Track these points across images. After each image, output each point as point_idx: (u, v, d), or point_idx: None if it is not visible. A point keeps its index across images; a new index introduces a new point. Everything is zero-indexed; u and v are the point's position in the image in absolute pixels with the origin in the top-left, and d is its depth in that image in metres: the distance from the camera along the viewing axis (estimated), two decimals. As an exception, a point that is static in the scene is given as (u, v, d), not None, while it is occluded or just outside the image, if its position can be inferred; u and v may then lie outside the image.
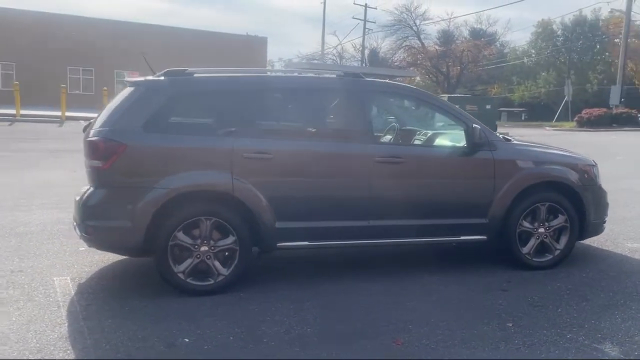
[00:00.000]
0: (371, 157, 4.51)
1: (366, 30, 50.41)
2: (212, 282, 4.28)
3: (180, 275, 4.22)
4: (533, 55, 66.94)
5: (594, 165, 5.28)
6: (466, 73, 50.11)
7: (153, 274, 4.70)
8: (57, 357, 3.28)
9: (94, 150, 4.19)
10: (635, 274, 4.93)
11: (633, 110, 31.55)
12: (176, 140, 4.26)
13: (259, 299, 4.20)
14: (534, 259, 4.96)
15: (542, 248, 4.99)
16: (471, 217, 4.79)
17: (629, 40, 36.58)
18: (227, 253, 4.30)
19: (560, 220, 4.99)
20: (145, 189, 4.14)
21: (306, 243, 4.49)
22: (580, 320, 3.87)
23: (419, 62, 49.48)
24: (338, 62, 52.98)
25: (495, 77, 59.26)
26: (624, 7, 33.32)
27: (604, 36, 65.87)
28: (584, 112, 31.90)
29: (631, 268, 5.09)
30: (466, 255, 5.37)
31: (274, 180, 4.36)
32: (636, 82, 51.70)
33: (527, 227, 4.93)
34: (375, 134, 4.79)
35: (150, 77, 4.50)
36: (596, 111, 31.15)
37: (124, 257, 5.16)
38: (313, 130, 4.70)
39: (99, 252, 5.28)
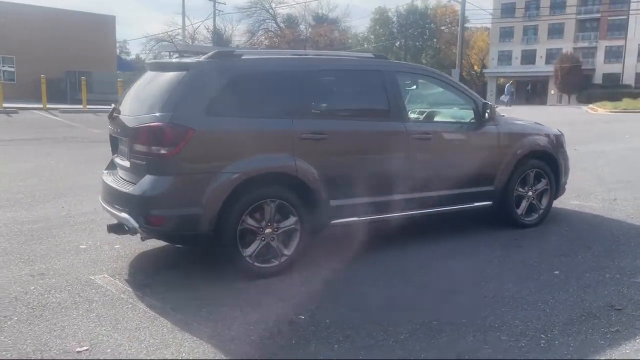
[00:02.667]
0: (409, 134, 4.83)
1: (217, 12, 49.49)
2: (276, 263, 4.31)
3: (248, 259, 4.20)
4: (372, 40, 71.13)
5: (562, 135, 6.17)
6: (320, 57, 51.69)
7: (190, 264, 4.69)
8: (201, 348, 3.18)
9: (158, 136, 3.94)
10: (600, 225, 5.90)
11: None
12: (241, 124, 4.18)
13: (333, 275, 4.34)
14: (525, 219, 5.70)
15: (529, 209, 5.75)
16: (483, 185, 5.36)
17: (454, 29, 40.46)
18: (288, 234, 4.36)
19: (543, 184, 5.79)
20: (215, 175, 4.02)
21: (355, 219, 4.70)
22: (604, 263, 4.63)
23: (276, 45, 49.97)
24: (190, 43, 51.32)
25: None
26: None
27: (432, 24, 72.08)
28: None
29: (595, 221, 6.07)
30: (459, 221, 5.94)
31: (328, 160, 4.48)
32: (476, 68, 57.44)
33: (521, 191, 5.65)
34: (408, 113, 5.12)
35: (202, 59, 4.31)
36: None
37: (143, 250, 4.95)
38: (359, 110, 4.88)
39: (117, 246, 5.02)
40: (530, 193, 5.70)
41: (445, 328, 3.42)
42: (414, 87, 5.51)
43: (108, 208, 4.50)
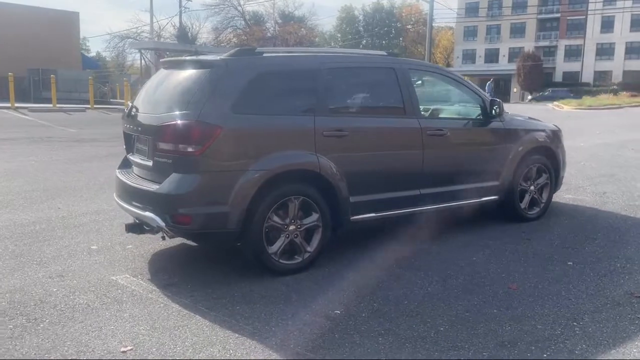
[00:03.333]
0: (424, 130, 4.92)
1: (184, 9, 48.85)
2: (299, 260, 4.33)
3: (273, 256, 4.21)
4: (339, 38, 71.47)
5: (560, 130, 6.37)
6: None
7: (208, 262, 4.69)
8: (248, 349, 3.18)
9: (186, 134, 3.91)
10: (597, 217, 6.12)
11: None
12: (266, 121, 4.19)
13: (358, 270, 4.39)
14: (528, 213, 5.87)
15: (532, 203, 5.92)
16: (490, 180, 5.50)
17: (419, 28, 41.05)
18: (311, 230, 4.38)
19: (544, 179, 5.97)
20: (242, 172, 4.02)
21: (373, 215, 4.75)
22: (612, 253, 4.82)
23: (245, 43, 49.64)
24: (156, 40, 50.55)
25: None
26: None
27: (398, 23, 72.80)
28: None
29: (591, 213, 6.29)
30: (464, 216, 6.06)
31: (348, 157, 4.52)
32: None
33: (524, 185, 5.81)
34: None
35: (225, 57, 4.29)
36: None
37: (157, 250, 4.90)
38: (376, 107, 4.93)
39: (129, 246, 4.95)
40: (532, 187, 5.87)
41: (480, 319, 3.52)
42: (419, 82, 5.59)
43: (127, 206, 4.44)
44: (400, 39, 72.22)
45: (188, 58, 4.49)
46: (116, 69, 60.81)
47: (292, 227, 4.27)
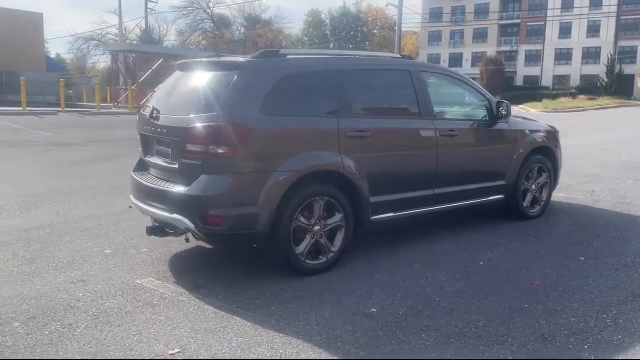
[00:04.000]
0: (438, 131, 5.02)
1: (150, 11, 48.14)
2: (324, 260, 4.36)
3: (300, 257, 4.23)
4: (306, 42, 71.62)
5: (558, 131, 6.58)
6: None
7: (229, 263, 4.69)
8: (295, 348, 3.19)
9: (217, 136, 3.89)
10: (593, 215, 6.34)
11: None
12: (293, 122, 4.21)
13: (380, 268, 4.45)
14: (530, 211, 6.04)
15: (533, 201, 6.10)
16: (497, 180, 5.64)
17: (385, 33, 41.61)
18: (334, 231, 4.41)
19: (544, 178, 6.16)
20: (271, 173, 4.02)
21: (392, 215, 4.82)
22: (619, 249, 5.00)
23: (216, 46, 49.21)
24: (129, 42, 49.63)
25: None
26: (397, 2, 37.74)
27: (364, 28, 73.32)
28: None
29: (587, 211, 6.51)
30: (469, 215, 6.20)
31: (369, 157, 4.57)
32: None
33: (526, 185, 5.98)
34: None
35: (251, 59, 4.29)
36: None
37: (175, 252, 4.86)
38: (394, 108, 5.01)
39: (144, 250, 4.90)
40: (534, 187, 6.05)
41: (514, 314, 3.61)
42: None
43: (149, 209, 4.38)
44: (367, 43, 72.91)
45: (211, 60, 4.46)
46: (76, 72, 59.47)
47: (317, 228, 4.30)
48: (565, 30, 65.41)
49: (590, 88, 58.60)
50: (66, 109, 21.95)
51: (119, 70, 31.33)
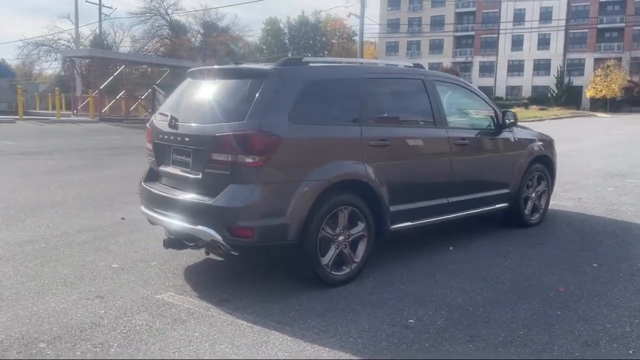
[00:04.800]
0: (452, 140, 5.04)
1: (104, 16, 47.00)
2: (347, 270, 4.29)
3: (325, 267, 4.14)
4: (265, 50, 71.41)
5: (553, 140, 6.73)
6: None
7: (247, 275, 4.58)
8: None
9: (247, 144, 3.77)
10: (589, 221, 6.50)
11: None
12: (320, 131, 4.13)
13: (402, 279, 4.41)
14: (531, 219, 6.15)
15: (533, 209, 6.21)
16: (502, 188, 5.72)
17: (344, 42, 41.97)
18: (356, 241, 4.35)
19: (543, 186, 6.28)
20: (300, 183, 3.92)
21: (410, 224, 4.80)
22: (625, 254, 5.14)
23: (175, 52, 48.41)
24: (73, 47, 48.24)
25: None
26: (358, 12, 38.15)
27: (323, 37, 73.69)
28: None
29: (582, 218, 6.68)
30: (470, 224, 6.25)
31: (389, 166, 4.54)
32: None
33: (527, 192, 6.08)
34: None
35: (276, 66, 4.18)
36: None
37: (188, 265, 4.69)
38: (411, 117, 4.99)
39: (153, 263, 4.71)
40: (533, 194, 6.16)
41: (550, 321, 3.63)
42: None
43: (166, 220, 4.21)
44: (326, 52, 73.32)
45: (230, 67, 4.34)
46: (22, 78, 57.43)
47: (341, 238, 4.23)
48: (517, 43, 67.73)
49: (541, 98, 60.84)
50: (24, 117, 21.10)
51: (74, 77, 30.37)
